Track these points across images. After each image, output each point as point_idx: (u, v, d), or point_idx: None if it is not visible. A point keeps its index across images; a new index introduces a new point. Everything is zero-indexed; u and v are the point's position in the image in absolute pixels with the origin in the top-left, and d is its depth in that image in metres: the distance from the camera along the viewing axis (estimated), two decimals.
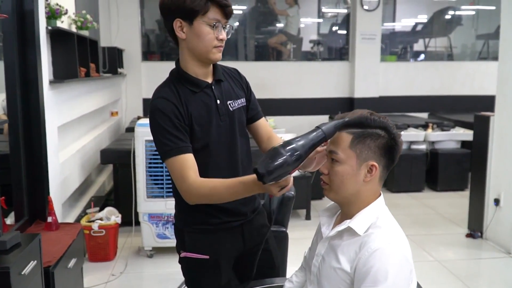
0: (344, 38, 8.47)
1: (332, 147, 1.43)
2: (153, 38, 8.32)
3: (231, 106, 1.79)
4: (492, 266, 3.89)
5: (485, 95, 8.00)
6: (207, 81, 1.76)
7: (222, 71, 1.84)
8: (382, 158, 1.40)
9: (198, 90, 1.73)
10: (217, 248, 1.81)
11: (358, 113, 1.42)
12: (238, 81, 1.88)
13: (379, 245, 1.31)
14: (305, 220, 4.83)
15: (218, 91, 1.77)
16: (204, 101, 1.73)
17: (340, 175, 1.41)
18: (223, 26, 1.71)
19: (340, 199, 1.47)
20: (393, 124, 1.42)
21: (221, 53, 1.73)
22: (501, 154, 4.06)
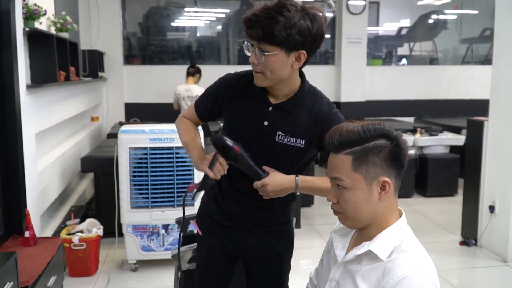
0: (329, 42, 8.38)
1: (335, 173, 1.27)
2: (134, 41, 8.12)
3: (279, 138, 1.73)
4: (488, 275, 3.79)
5: (471, 99, 8.01)
6: (269, 100, 1.75)
7: (308, 107, 1.74)
8: (391, 169, 1.24)
9: (255, 99, 1.76)
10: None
11: (344, 130, 1.25)
12: (315, 124, 1.73)
13: (407, 272, 1.16)
14: (296, 229, 4.65)
15: (272, 114, 1.74)
16: (254, 110, 1.75)
17: (353, 202, 1.25)
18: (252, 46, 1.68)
19: (359, 225, 1.31)
20: (389, 126, 1.26)
21: (259, 79, 1.69)
22: (495, 159, 3.98)
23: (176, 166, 3.59)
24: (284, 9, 1.55)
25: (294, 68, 1.66)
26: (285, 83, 1.70)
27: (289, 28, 1.55)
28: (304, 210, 5.07)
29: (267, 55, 1.60)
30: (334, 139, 1.25)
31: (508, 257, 3.84)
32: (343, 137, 1.24)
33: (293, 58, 1.62)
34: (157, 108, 6.95)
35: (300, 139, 1.72)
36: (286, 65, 1.63)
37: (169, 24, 8.35)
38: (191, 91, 5.79)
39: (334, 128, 1.28)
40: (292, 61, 1.63)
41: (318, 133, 1.74)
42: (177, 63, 8.03)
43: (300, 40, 1.58)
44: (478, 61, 9.08)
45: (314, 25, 1.59)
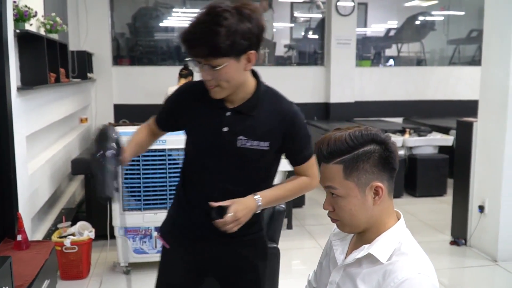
0: (317, 43, 8.42)
1: (328, 182, 1.28)
2: (123, 42, 8.08)
3: (240, 143, 1.66)
4: (478, 274, 3.84)
5: (459, 100, 8.09)
6: (225, 105, 1.69)
7: (270, 109, 1.68)
8: (383, 173, 1.25)
9: (211, 106, 1.70)
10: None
11: (332, 140, 1.25)
12: (281, 126, 1.68)
13: (407, 275, 1.18)
14: (287, 230, 4.69)
15: (230, 119, 1.68)
16: (212, 118, 1.70)
17: (348, 210, 1.27)
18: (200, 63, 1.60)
19: (358, 231, 1.33)
20: (376, 130, 1.27)
21: (217, 92, 1.63)
22: (484, 160, 4.02)
23: (169, 168, 3.58)
24: (220, 17, 1.49)
25: (247, 70, 1.63)
26: (240, 87, 1.66)
27: (232, 36, 1.50)
28: (296, 211, 5.08)
29: (218, 69, 1.55)
30: (323, 149, 1.26)
31: (498, 257, 3.88)
32: (331, 146, 1.25)
33: (244, 61, 1.59)
34: (146, 109, 6.82)
35: (263, 142, 1.66)
36: (239, 71, 1.60)
37: (157, 25, 8.32)
38: None
39: (322, 138, 1.29)
40: (244, 64, 1.59)
41: (282, 132, 1.68)
42: (166, 64, 8.01)
43: (246, 43, 1.54)
44: (465, 62, 9.19)
45: (254, 24, 1.54)
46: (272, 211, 2.50)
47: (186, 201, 1.79)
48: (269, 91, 1.73)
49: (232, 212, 1.61)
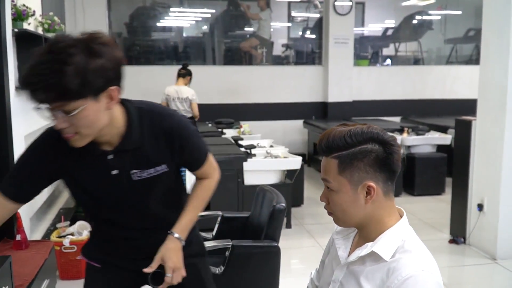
0: (315, 42, 8.42)
1: (324, 174, 1.28)
2: (120, 41, 8.06)
3: (135, 176, 1.54)
4: (477, 272, 3.84)
5: (456, 99, 8.11)
6: (103, 149, 1.52)
7: (146, 132, 1.53)
8: (378, 174, 1.23)
9: (88, 156, 1.51)
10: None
11: (332, 135, 1.25)
12: (164, 143, 1.56)
13: (411, 272, 1.17)
14: (286, 229, 4.68)
15: (115, 161, 1.52)
16: (89, 167, 1.53)
17: (339, 204, 1.27)
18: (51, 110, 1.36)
19: (351, 226, 1.33)
20: (380, 130, 1.25)
21: (77, 140, 1.42)
22: (483, 158, 4.03)
23: None
24: (64, 54, 1.28)
25: (111, 108, 1.42)
26: (108, 126, 1.45)
27: (82, 74, 1.29)
28: (295, 210, 5.08)
29: (74, 114, 1.34)
30: (322, 143, 1.27)
31: (497, 255, 3.89)
32: (330, 141, 1.25)
33: (105, 100, 1.39)
34: None
35: (159, 166, 1.55)
36: (101, 112, 1.39)
37: (155, 24, 8.31)
38: (181, 93, 5.77)
39: (325, 132, 1.29)
40: (105, 103, 1.39)
41: (174, 149, 1.57)
42: (163, 64, 8.00)
43: (101, 81, 1.35)
44: (462, 61, 9.21)
45: (106, 58, 1.34)
46: (272, 210, 2.50)
47: (106, 240, 1.72)
48: (144, 112, 1.55)
49: (169, 270, 1.57)
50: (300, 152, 6.77)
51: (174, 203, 1.69)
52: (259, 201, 2.83)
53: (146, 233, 1.66)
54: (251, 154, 4.79)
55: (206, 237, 2.89)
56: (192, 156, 1.66)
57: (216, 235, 2.91)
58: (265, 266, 2.55)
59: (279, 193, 2.67)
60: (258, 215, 2.78)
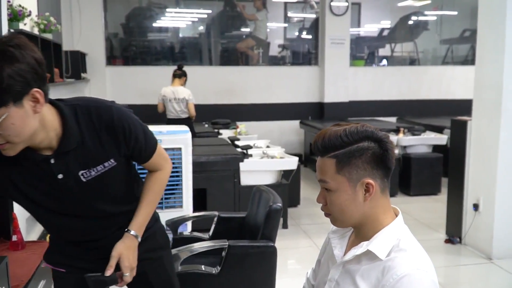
0: (311, 43, 8.43)
1: (321, 175, 1.29)
2: (116, 42, 8.06)
3: (85, 176, 1.50)
4: (473, 272, 3.86)
5: (452, 99, 8.14)
6: (44, 154, 1.45)
7: (83, 130, 1.47)
8: (375, 171, 1.25)
9: (31, 163, 1.46)
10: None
11: (327, 134, 1.26)
12: (114, 136, 1.51)
13: (406, 270, 1.18)
14: (282, 229, 4.69)
15: (59, 165, 1.47)
16: (35, 174, 1.47)
17: (338, 204, 1.28)
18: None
19: (348, 225, 1.34)
20: (374, 128, 1.27)
21: (10, 149, 1.36)
22: (478, 158, 4.05)
23: None
24: None
25: (38, 112, 1.35)
26: (40, 130, 1.39)
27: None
28: (291, 210, 5.09)
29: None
30: (318, 143, 1.28)
31: (493, 255, 3.91)
32: (326, 141, 1.26)
33: (30, 104, 1.32)
34: (140, 110, 6.85)
35: (107, 162, 1.52)
36: (28, 117, 1.33)
37: (151, 25, 8.31)
38: (177, 93, 5.77)
39: (320, 132, 1.29)
40: (30, 107, 1.32)
41: (119, 141, 1.52)
42: (160, 64, 7.99)
43: (20, 85, 1.27)
44: (458, 61, 9.23)
45: (24, 61, 1.28)
46: (268, 210, 2.51)
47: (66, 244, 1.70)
48: (79, 109, 1.48)
49: (126, 270, 1.59)
50: (296, 153, 6.77)
51: (130, 198, 1.66)
52: (255, 201, 2.83)
53: (104, 233, 1.63)
54: (247, 154, 4.79)
55: (202, 237, 2.90)
56: (139, 147, 1.58)
57: (212, 235, 2.91)
58: (262, 266, 2.55)
59: (275, 193, 2.67)
60: (254, 215, 2.78)
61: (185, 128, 3.69)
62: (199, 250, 2.47)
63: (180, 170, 3.61)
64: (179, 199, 3.64)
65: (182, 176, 3.61)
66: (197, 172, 4.03)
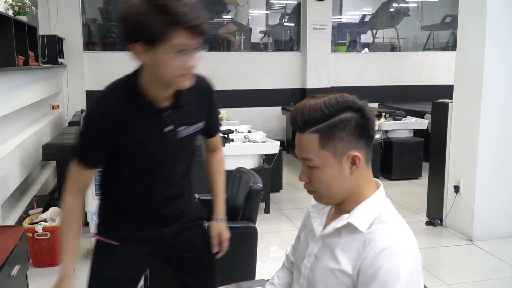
0: (293, 29, 8.38)
1: (303, 153, 1.22)
2: (94, 27, 7.90)
3: (181, 133, 1.62)
4: (454, 253, 3.88)
5: (433, 85, 8.17)
6: (160, 107, 1.56)
7: (191, 90, 1.57)
8: (360, 141, 1.20)
9: (145, 116, 1.55)
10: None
11: (307, 108, 1.19)
12: (204, 101, 1.69)
13: (388, 243, 1.14)
14: (264, 214, 4.67)
15: (170, 117, 1.58)
16: (146, 127, 1.56)
17: (324, 180, 1.22)
18: (194, 49, 1.44)
19: (335, 202, 1.28)
20: (353, 97, 1.22)
21: (191, 79, 1.51)
22: (459, 141, 4.06)
23: None
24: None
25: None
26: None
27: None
28: (273, 195, 5.07)
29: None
30: (297, 119, 1.20)
31: (474, 236, 3.94)
32: (306, 115, 1.19)
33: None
34: None
35: (200, 122, 1.68)
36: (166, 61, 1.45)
37: None
38: None
39: (296, 107, 1.23)
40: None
41: (207, 107, 1.71)
42: None
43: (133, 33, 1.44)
44: (439, 47, 9.26)
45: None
46: (248, 191, 2.47)
47: (130, 209, 1.73)
48: None
49: (226, 241, 1.93)
50: (278, 139, 6.73)
51: (190, 166, 1.77)
52: (235, 183, 2.79)
53: (169, 199, 1.72)
54: (229, 139, 4.74)
55: None
56: (215, 119, 1.79)
57: None
58: (242, 248, 2.51)
59: (256, 174, 2.63)
60: (235, 197, 2.74)
61: None
62: None
63: None
64: None
65: None
66: None
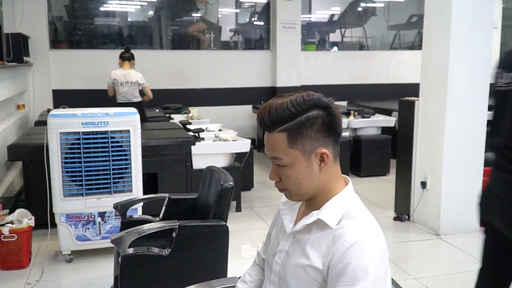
0: (263, 28, 8.40)
1: (273, 152, 1.24)
2: (60, 25, 7.74)
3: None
4: (422, 247, 3.96)
5: (400, 83, 8.31)
6: None
7: None
8: (327, 138, 1.23)
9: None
10: None
11: (273, 108, 1.20)
12: None
13: (356, 238, 1.16)
14: (236, 212, 4.67)
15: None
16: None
17: (294, 178, 1.24)
18: None
19: (305, 199, 1.30)
20: (319, 95, 1.24)
21: None
22: (426, 137, 4.14)
23: (112, 151, 3.45)
24: None
25: None
26: None
27: None
28: (244, 193, 5.07)
29: None
30: (265, 119, 1.22)
31: (441, 230, 4.02)
32: (274, 115, 1.20)
33: None
34: (88, 95, 6.66)
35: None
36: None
37: (97, 7, 8.02)
38: (129, 76, 5.59)
39: (263, 107, 1.24)
40: None
41: None
42: (107, 48, 7.74)
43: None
44: (405, 47, 9.43)
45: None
46: (219, 189, 2.47)
47: None
48: None
49: None
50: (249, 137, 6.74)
51: None
52: (207, 182, 2.78)
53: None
54: (199, 137, 4.72)
55: (152, 220, 2.83)
56: None
57: (163, 218, 2.85)
58: (214, 246, 2.51)
59: (226, 173, 2.63)
60: (206, 196, 2.74)
61: (133, 110, 3.58)
62: (148, 231, 2.39)
63: (128, 153, 3.50)
64: (128, 183, 3.54)
65: (131, 159, 3.51)
66: (147, 156, 3.93)
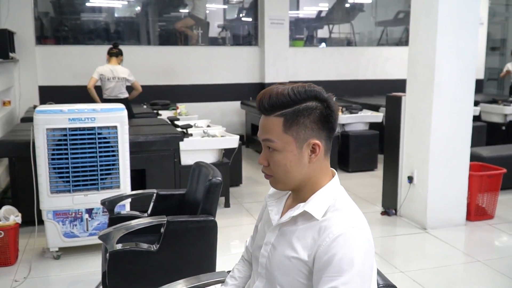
0: (251, 24, 8.39)
1: (266, 134, 1.25)
2: (46, 21, 7.67)
3: None
4: (409, 241, 4.00)
5: (387, 79, 8.37)
6: None
7: None
8: (321, 131, 1.25)
9: None
10: None
11: (274, 93, 1.23)
12: None
13: (342, 229, 1.18)
14: (224, 208, 4.68)
15: None
16: None
17: (283, 164, 1.25)
18: None
19: (290, 188, 1.32)
20: (319, 88, 1.26)
21: None
22: (412, 133, 4.18)
23: (99, 147, 3.43)
24: None
25: None
26: None
27: None
28: (233, 189, 5.08)
29: None
30: (264, 102, 1.24)
31: (427, 224, 4.07)
32: (274, 99, 1.22)
33: None
34: (74, 91, 6.60)
35: None
36: None
37: (84, 3, 7.96)
38: (116, 72, 5.56)
39: (264, 91, 1.26)
40: None
41: None
42: (94, 43, 7.69)
43: None
44: (392, 43, 9.48)
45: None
46: (208, 184, 2.47)
47: None
48: None
49: None
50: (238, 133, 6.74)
51: None
52: (195, 177, 2.78)
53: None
54: (187, 133, 4.71)
55: (140, 216, 2.82)
56: None
57: (151, 214, 2.85)
58: (202, 241, 2.51)
59: (215, 168, 2.63)
60: (194, 191, 2.74)
61: (121, 106, 3.56)
62: (136, 227, 2.39)
63: (116, 149, 3.49)
64: (116, 179, 3.52)
65: (118, 155, 3.50)
66: (135, 152, 3.92)
